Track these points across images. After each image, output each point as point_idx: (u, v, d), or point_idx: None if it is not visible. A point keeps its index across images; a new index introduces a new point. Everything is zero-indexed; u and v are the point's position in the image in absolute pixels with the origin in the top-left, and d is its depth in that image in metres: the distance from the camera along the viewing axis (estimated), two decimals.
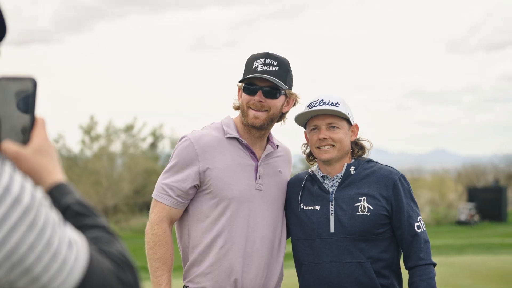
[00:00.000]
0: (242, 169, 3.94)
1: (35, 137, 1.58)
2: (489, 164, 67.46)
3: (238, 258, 3.89)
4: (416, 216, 3.96)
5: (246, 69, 3.96)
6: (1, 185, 1.38)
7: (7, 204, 1.37)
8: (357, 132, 4.09)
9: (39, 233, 1.40)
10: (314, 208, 4.01)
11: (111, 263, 1.54)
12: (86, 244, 1.52)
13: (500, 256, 18.15)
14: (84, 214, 1.61)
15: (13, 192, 1.38)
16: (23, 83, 1.56)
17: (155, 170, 44.05)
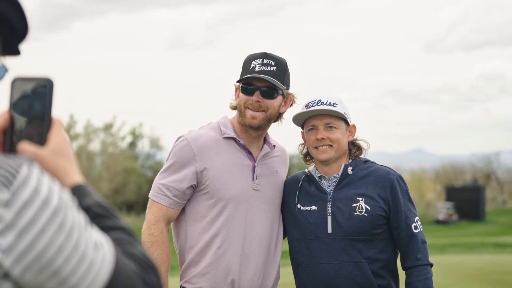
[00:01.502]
0: (239, 169, 3.93)
1: (53, 138, 1.56)
2: (467, 164, 67.92)
3: (236, 258, 3.88)
4: (414, 216, 3.97)
5: (243, 69, 3.95)
6: (30, 186, 1.37)
7: (36, 206, 1.36)
8: (355, 132, 4.09)
9: (67, 235, 1.39)
10: (311, 209, 4.00)
11: (136, 265, 1.53)
12: (112, 246, 1.51)
13: (481, 256, 18.26)
14: (105, 216, 1.60)
15: (42, 194, 1.37)
16: (39, 84, 1.54)
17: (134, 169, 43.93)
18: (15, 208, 1.34)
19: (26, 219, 1.35)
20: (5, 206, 1.34)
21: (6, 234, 1.33)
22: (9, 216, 1.34)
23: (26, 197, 1.35)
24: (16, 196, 1.35)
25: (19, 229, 1.34)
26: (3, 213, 1.33)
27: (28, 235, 1.35)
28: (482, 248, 21.02)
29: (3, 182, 1.35)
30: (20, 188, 1.36)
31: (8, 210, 1.34)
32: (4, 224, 1.33)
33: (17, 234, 1.34)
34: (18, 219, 1.34)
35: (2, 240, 1.33)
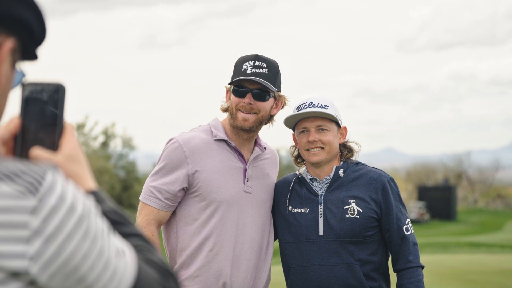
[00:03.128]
0: (230, 171, 3.92)
1: (66, 144, 1.55)
2: (438, 163, 68.41)
3: (227, 261, 3.87)
4: (405, 218, 3.98)
5: (235, 71, 3.93)
6: (56, 193, 1.36)
7: (62, 213, 1.35)
8: (346, 134, 4.09)
9: (92, 241, 1.39)
10: (303, 211, 4.00)
11: (156, 272, 1.53)
12: (134, 254, 1.51)
13: (456, 255, 18.39)
14: (121, 223, 1.59)
15: (68, 201, 1.36)
16: (51, 88, 1.53)
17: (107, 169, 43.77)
18: (42, 215, 1.33)
19: (53, 226, 1.34)
20: (32, 213, 1.33)
21: (34, 241, 1.32)
22: (36, 223, 1.32)
23: (53, 204, 1.34)
24: (43, 203, 1.34)
25: (46, 236, 1.33)
26: (30, 220, 1.32)
27: (55, 242, 1.34)
28: (457, 247, 21.16)
29: (29, 189, 1.34)
30: (47, 195, 1.34)
31: (35, 217, 1.33)
32: (31, 231, 1.32)
33: (44, 241, 1.33)
34: (45, 226, 1.33)
35: (30, 247, 1.32)
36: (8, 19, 1.45)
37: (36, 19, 1.50)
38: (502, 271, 15.36)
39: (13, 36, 1.47)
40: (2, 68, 1.45)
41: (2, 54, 1.45)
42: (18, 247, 1.31)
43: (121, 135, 47.70)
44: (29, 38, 1.51)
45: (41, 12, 1.51)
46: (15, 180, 1.34)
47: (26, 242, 1.32)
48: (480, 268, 15.25)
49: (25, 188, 1.34)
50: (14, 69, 1.50)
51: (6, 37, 1.46)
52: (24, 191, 1.33)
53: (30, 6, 1.48)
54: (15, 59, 1.50)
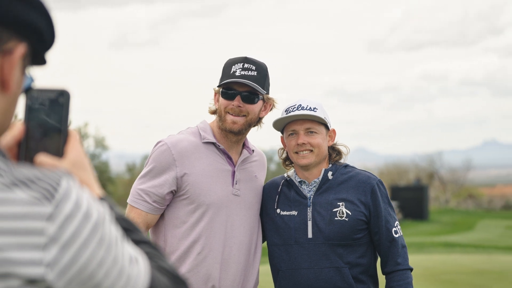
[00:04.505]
0: (219, 174, 3.90)
1: (71, 150, 1.54)
2: (410, 163, 68.69)
3: (216, 264, 3.85)
4: (394, 221, 3.98)
5: (223, 74, 3.92)
6: (72, 200, 1.34)
7: (78, 220, 1.34)
8: (335, 137, 4.09)
9: (107, 249, 1.38)
10: (291, 214, 3.99)
11: (168, 279, 1.53)
12: (146, 261, 1.50)
13: (431, 256, 18.49)
14: (130, 230, 1.59)
15: (83, 208, 1.35)
16: (55, 95, 1.51)
17: None
18: (58, 221, 1.32)
19: (69, 233, 1.33)
20: (48, 220, 1.31)
21: (50, 248, 1.31)
22: (53, 229, 1.31)
23: (69, 210, 1.33)
24: (59, 210, 1.33)
25: (63, 243, 1.32)
26: (47, 227, 1.31)
27: (71, 249, 1.33)
28: (432, 247, 21.29)
29: (45, 195, 1.33)
30: (62, 201, 1.33)
31: (52, 224, 1.31)
32: (48, 238, 1.31)
33: (60, 248, 1.32)
34: (61, 233, 1.32)
35: (47, 253, 1.31)
36: (20, 24, 1.43)
37: (46, 24, 1.49)
38: (477, 271, 15.48)
39: (24, 41, 1.46)
40: (13, 74, 1.44)
41: (13, 60, 1.43)
42: (35, 254, 1.30)
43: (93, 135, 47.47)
44: (39, 43, 1.50)
45: (50, 17, 1.50)
46: (31, 186, 1.33)
47: (42, 249, 1.31)
48: (455, 268, 15.35)
49: (41, 195, 1.32)
50: (24, 74, 1.49)
51: (18, 42, 1.44)
52: (40, 198, 1.32)
53: (40, 11, 1.47)
54: (25, 64, 1.49)
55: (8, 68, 1.42)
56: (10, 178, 1.33)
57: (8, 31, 1.42)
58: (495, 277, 14.58)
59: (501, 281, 14.07)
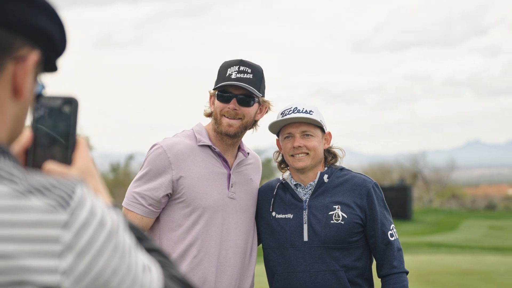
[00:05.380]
0: (215, 177, 3.89)
1: (79, 158, 1.52)
2: (394, 163, 68.83)
3: (212, 267, 3.84)
4: (389, 224, 3.99)
5: (219, 76, 3.91)
6: (87, 207, 1.34)
7: (93, 227, 1.33)
8: (330, 140, 4.08)
9: (121, 256, 1.37)
10: (287, 217, 3.98)
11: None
12: (159, 269, 1.49)
13: (417, 256, 18.53)
14: (140, 238, 1.58)
15: (98, 215, 1.34)
16: (64, 102, 1.50)
17: None
18: (74, 229, 1.31)
19: (84, 240, 1.32)
20: (63, 227, 1.30)
21: (66, 256, 1.30)
22: (68, 237, 1.30)
23: (84, 218, 1.32)
24: (74, 217, 1.32)
25: (78, 251, 1.31)
26: (63, 234, 1.30)
27: (86, 257, 1.32)
28: (417, 248, 21.32)
29: (60, 203, 1.32)
30: (77, 209, 1.32)
31: (67, 231, 1.30)
32: (63, 246, 1.30)
33: (76, 255, 1.31)
34: (77, 240, 1.31)
35: (62, 261, 1.30)
36: (33, 30, 1.43)
37: (58, 31, 1.48)
38: (463, 271, 15.54)
39: (37, 48, 1.45)
40: (26, 81, 1.43)
41: (27, 67, 1.43)
42: (50, 261, 1.29)
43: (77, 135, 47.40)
44: (51, 50, 1.49)
45: (63, 24, 1.49)
46: (46, 194, 1.32)
47: (58, 257, 1.29)
48: (441, 269, 15.39)
49: (56, 202, 1.31)
50: (36, 82, 1.48)
51: (31, 49, 1.44)
52: (55, 205, 1.31)
53: (53, 18, 1.46)
54: (38, 71, 1.48)
55: (22, 75, 1.42)
56: (25, 185, 1.32)
57: (21, 38, 1.41)
58: (481, 277, 14.64)
59: (488, 282, 14.12)
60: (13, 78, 1.41)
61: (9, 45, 1.39)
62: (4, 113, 1.41)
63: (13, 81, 1.41)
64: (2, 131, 1.41)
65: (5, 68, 1.40)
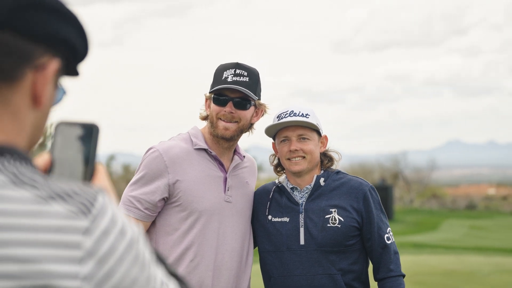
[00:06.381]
0: (211, 181, 3.87)
1: (97, 184, 1.52)
2: (375, 163, 69.03)
3: (208, 271, 3.82)
4: (386, 227, 3.99)
5: (215, 79, 3.89)
6: (108, 215, 1.33)
7: (114, 235, 1.32)
8: (326, 143, 4.08)
9: (141, 267, 1.36)
10: (283, 220, 3.97)
11: None
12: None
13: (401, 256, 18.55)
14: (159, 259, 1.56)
15: (119, 224, 1.34)
16: (84, 128, 1.50)
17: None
18: (95, 236, 1.31)
19: (105, 248, 1.31)
20: (84, 234, 1.30)
21: (87, 262, 1.30)
22: (90, 243, 1.30)
23: (105, 226, 1.32)
24: (96, 224, 1.32)
25: (99, 258, 1.31)
26: (84, 240, 1.30)
27: (107, 264, 1.31)
28: (401, 248, 21.38)
29: (81, 209, 1.32)
30: (99, 216, 1.32)
31: (89, 238, 1.30)
32: (84, 252, 1.30)
33: (96, 262, 1.31)
34: (98, 247, 1.31)
35: (83, 267, 1.30)
36: (53, 39, 1.42)
37: (79, 38, 1.47)
38: (447, 272, 15.60)
39: (57, 56, 1.44)
40: (46, 90, 1.42)
41: (47, 76, 1.42)
42: (71, 267, 1.29)
43: None
44: (73, 57, 1.48)
45: (84, 31, 1.48)
46: (67, 200, 1.32)
47: (79, 263, 1.29)
48: (426, 269, 15.43)
49: (78, 209, 1.32)
50: (56, 88, 1.48)
51: (51, 57, 1.43)
52: (77, 212, 1.31)
53: (73, 24, 1.45)
54: (58, 78, 1.47)
55: (41, 84, 1.41)
56: (47, 191, 1.32)
57: (41, 46, 1.40)
58: (466, 278, 14.71)
59: (473, 282, 14.19)
60: (33, 86, 1.41)
61: (29, 54, 1.39)
62: (23, 121, 1.41)
63: (33, 90, 1.41)
64: (21, 138, 1.41)
65: (25, 76, 1.39)
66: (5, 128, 1.38)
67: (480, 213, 51.22)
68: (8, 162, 1.35)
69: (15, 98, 1.39)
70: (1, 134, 1.37)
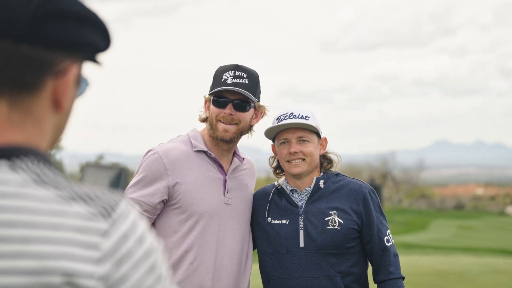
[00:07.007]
0: (210, 183, 3.86)
1: None
2: (364, 163, 69.12)
3: (208, 274, 3.81)
4: (386, 229, 3.98)
5: (214, 81, 3.88)
6: (129, 221, 1.35)
7: (132, 241, 1.34)
8: (326, 145, 4.07)
9: (156, 279, 1.37)
10: (283, 222, 3.96)
11: None
12: None
13: None
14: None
15: (139, 231, 1.36)
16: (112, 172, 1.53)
17: None
18: (114, 238, 1.33)
19: (123, 251, 1.33)
20: (103, 236, 1.33)
21: (104, 263, 1.32)
22: (108, 245, 1.32)
23: (125, 230, 1.34)
24: (115, 228, 1.34)
25: (116, 260, 1.33)
26: (102, 242, 1.32)
27: (123, 268, 1.33)
28: None
29: (101, 212, 1.34)
30: (119, 221, 1.35)
31: (107, 240, 1.32)
32: (102, 253, 1.32)
33: (113, 264, 1.32)
34: (116, 249, 1.33)
35: (100, 267, 1.31)
36: (74, 45, 1.42)
37: (102, 38, 1.46)
38: (438, 272, 15.64)
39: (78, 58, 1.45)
40: (68, 93, 1.44)
41: (68, 82, 1.43)
42: (88, 266, 1.31)
43: None
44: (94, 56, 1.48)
45: (106, 29, 1.47)
46: (89, 202, 1.35)
47: (96, 263, 1.31)
48: (415, 270, 15.44)
49: (98, 212, 1.34)
50: (78, 86, 1.48)
51: (72, 62, 1.43)
52: (97, 214, 1.34)
53: (95, 27, 1.44)
54: (79, 76, 1.47)
55: (62, 89, 1.42)
56: (69, 192, 1.35)
57: (61, 53, 1.40)
58: (457, 278, 14.75)
59: (464, 282, 14.23)
60: (54, 92, 1.42)
61: (50, 63, 1.39)
62: (45, 125, 1.43)
63: (54, 95, 1.42)
64: (43, 140, 1.43)
65: (46, 85, 1.40)
66: (28, 132, 1.40)
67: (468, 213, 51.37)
68: (31, 163, 1.37)
69: (37, 106, 1.40)
70: (24, 137, 1.39)
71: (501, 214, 53.01)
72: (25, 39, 1.35)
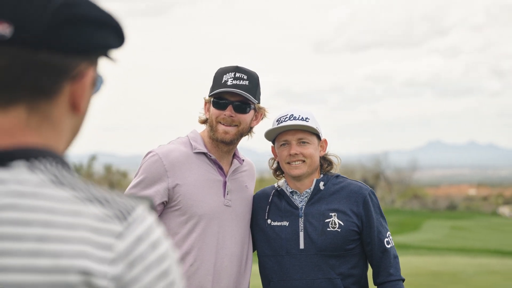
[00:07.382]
0: (210, 185, 3.86)
1: None
2: (357, 164, 69.17)
3: (208, 276, 3.80)
4: (386, 231, 3.98)
5: (214, 83, 3.87)
6: (143, 226, 1.36)
7: (146, 245, 1.35)
8: (326, 147, 4.06)
9: (168, 285, 1.37)
10: (283, 224, 3.96)
11: None
12: None
13: None
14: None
15: (154, 236, 1.37)
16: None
17: None
18: (128, 241, 1.34)
19: (136, 254, 1.34)
20: (118, 237, 1.33)
21: (118, 264, 1.33)
22: (122, 247, 1.33)
23: (139, 233, 1.35)
24: (130, 230, 1.35)
25: (129, 261, 1.33)
26: (116, 243, 1.33)
27: (135, 269, 1.34)
28: None
29: (117, 215, 1.35)
30: (134, 224, 1.36)
31: (122, 242, 1.33)
32: (116, 254, 1.33)
33: (127, 265, 1.33)
34: (130, 251, 1.34)
35: (113, 268, 1.32)
36: (91, 49, 1.42)
37: (117, 38, 1.46)
38: (433, 273, 15.66)
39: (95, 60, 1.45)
40: (85, 96, 1.45)
41: (85, 85, 1.43)
42: (101, 266, 1.32)
43: None
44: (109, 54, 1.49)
45: (121, 29, 1.46)
46: (105, 205, 1.36)
47: (109, 264, 1.32)
48: (411, 271, 15.46)
49: (114, 214, 1.35)
50: (94, 86, 1.48)
51: (89, 65, 1.43)
52: (112, 216, 1.35)
53: (111, 28, 1.44)
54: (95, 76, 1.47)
55: (80, 92, 1.43)
56: (86, 194, 1.36)
57: (78, 57, 1.41)
58: (451, 279, 14.77)
59: (458, 283, 14.25)
60: (71, 96, 1.42)
61: (67, 67, 1.40)
62: (63, 128, 1.44)
63: (71, 99, 1.42)
64: (60, 142, 1.45)
65: (63, 89, 1.41)
66: (46, 135, 1.41)
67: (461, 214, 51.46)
68: (50, 164, 1.38)
69: (55, 110, 1.41)
70: (42, 139, 1.40)
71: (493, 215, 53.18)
72: (43, 45, 1.35)
